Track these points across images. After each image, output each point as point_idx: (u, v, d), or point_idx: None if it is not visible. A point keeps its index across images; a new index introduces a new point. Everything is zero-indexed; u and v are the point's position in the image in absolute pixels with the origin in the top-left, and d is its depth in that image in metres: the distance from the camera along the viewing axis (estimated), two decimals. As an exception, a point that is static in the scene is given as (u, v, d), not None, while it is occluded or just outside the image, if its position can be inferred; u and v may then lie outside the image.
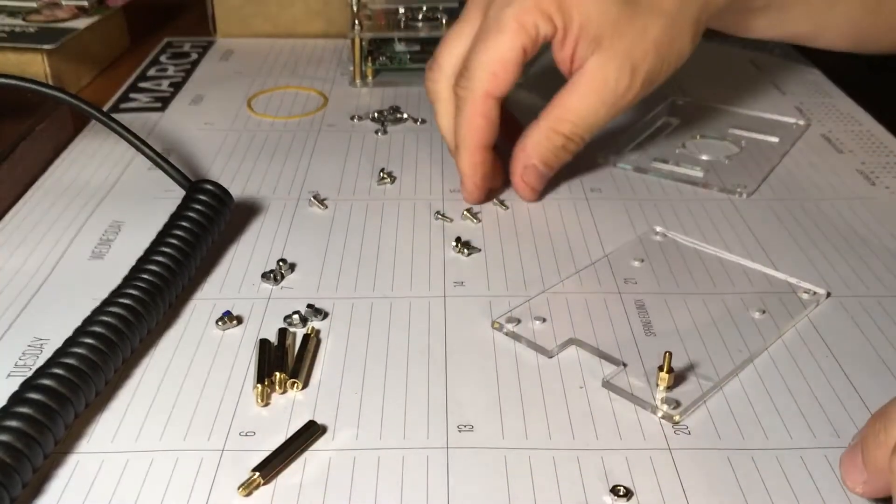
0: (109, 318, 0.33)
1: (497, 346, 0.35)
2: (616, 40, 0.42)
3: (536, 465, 0.29)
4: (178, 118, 0.55)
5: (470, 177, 0.44)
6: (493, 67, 0.42)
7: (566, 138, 0.43)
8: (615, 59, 0.42)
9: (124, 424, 0.31)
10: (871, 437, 0.27)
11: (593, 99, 0.43)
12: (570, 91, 0.43)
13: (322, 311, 0.37)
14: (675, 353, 0.34)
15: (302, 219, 0.44)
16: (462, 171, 0.44)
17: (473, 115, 0.43)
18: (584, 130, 0.44)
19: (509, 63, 0.42)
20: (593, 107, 0.43)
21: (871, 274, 0.40)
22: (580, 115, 0.43)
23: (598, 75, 0.42)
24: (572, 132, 0.43)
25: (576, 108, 0.43)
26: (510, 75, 0.42)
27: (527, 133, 0.44)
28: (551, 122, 0.43)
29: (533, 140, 0.44)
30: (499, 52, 0.41)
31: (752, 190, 0.47)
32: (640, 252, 0.41)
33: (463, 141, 0.44)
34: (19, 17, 0.60)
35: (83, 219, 0.44)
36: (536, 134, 0.44)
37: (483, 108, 0.43)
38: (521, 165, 0.44)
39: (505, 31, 0.41)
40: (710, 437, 0.31)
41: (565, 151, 0.44)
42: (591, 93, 0.43)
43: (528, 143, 0.44)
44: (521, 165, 0.44)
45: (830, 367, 0.34)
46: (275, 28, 0.69)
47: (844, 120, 0.55)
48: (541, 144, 0.44)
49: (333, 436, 0.31)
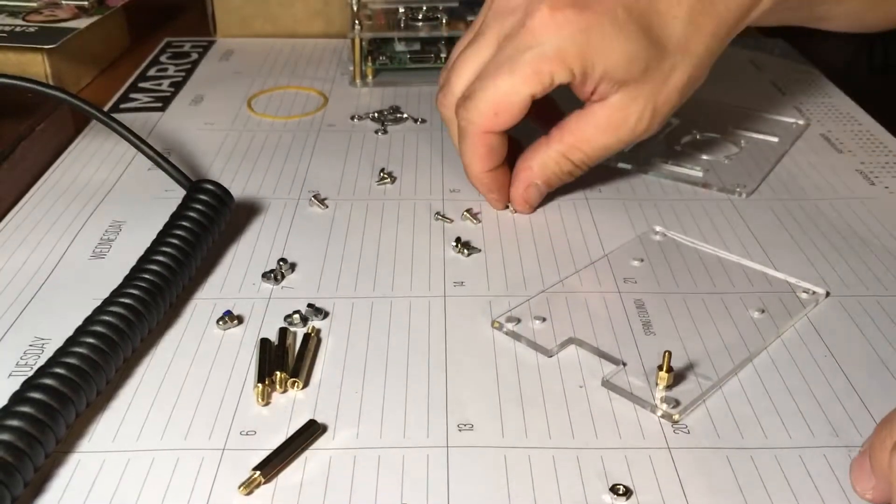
0: (110, 317, 0.33)
1: (497, 346, 0.35)
2: (642, 85, 0.41)
3: (536, 464, 0.29)
4: (178, 118, 0.55)
5: (486, 193, 0.45)
6: (497, 108, 0.40)
7: (574, 165, 0.43)
8: (639, 100, 0.41)
9: (125, 424, 0.31)
10: (878, 444, 0.27)
11: (610, 135, 0.42)
12: (588, 121, 0.42)
13: (322, 311, 0.37)
14: (675, 353, 0.34)
15: (302, 219, 0.44)
16: (478, 188, 0.45)
17: (475, 146, 0.42)
18: (592, 161, 0.43)
19: (514, 106, 0.40)
20: (609, 142, 0.42)
21: (871, 274, 0.40)
22: (594, 148, 0.42)
23: (620, 114, 0.41)
24: (581, 161, 0.43)
25: (591, 140, 0.42)
26: (513, 118, 0.41)
27: (534, 151, 0.43)
28: (564, 148, 0.42)
29: (540, 161, 0.43)
30: (505, 94, 0.40)
31: (751, 190, 0.47)
32: (639, 252, 0.41)
33: (468, 168, 0.44)
34: (19, 17, 0.60)
35: (84, 218, 0.44)
36: (545, 156, 0.43)
37: (484, 141, 0.42)
38: (524, 184, 0.44)
39: (517, 75, 0.40)
40: (710, 436, 0.31)
41: (570, 176, 0.44)
42: (610, 129, 0.42)
43: (536, 163, 0.43)
44: (525, 184, 0.44)
45: (829, 366, 0.34)
46: (275, 28, 0.69)
47: (844, 120, 0.55)
48: (548, 167, 0.43)
49: (334, 435, 0.31)
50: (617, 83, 0.40)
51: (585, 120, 0.42)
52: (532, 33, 0.40)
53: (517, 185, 0.44)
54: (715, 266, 0.40)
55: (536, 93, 0.40)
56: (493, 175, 0.44)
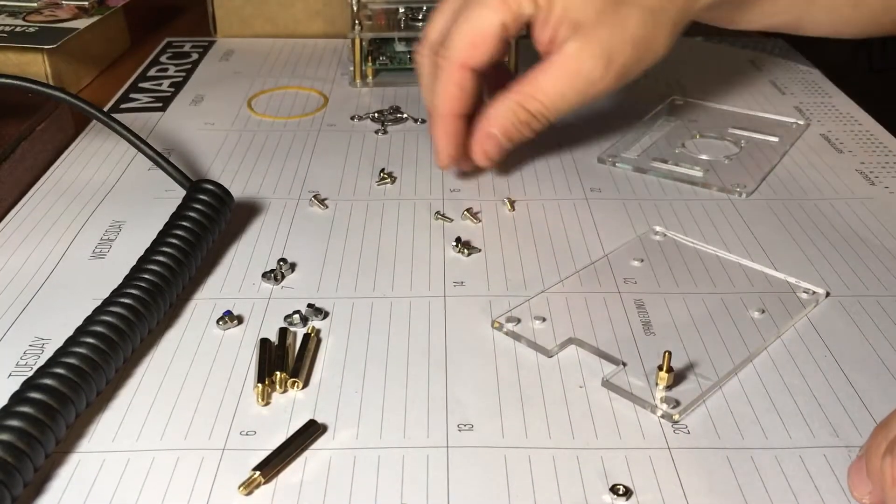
0: (110, 317, 0.33)
1: (497, 346, 0.35)
2: (596, 29, 0.42)
3: (536, 464, 0.29)
4: (178, 118, 0.55)
5: (443, 145, 0.45)
6: (472, 38, 0.42)
7: (531, 116, 0.44)
8: (593, 47, 0.42)
9: (125, 424, 0.31)
10: (874, 449, 0.27)
11: (565, 83, 0.43)
12: (544, 71, 0.43)
13: (322, 311, 0.37)
14: (675, 353, 0.34)
15: (302, 219, 0.44)
16: (435, 138, 0.45)
17: (449, 83, 0.43)
18: (550, 112, 0.44)
19: (489, 36, 0.42)
20: (563, 91, 0.43)
21: (871, 274, 0.40)
22: (549, 97, 0.43)
23: (573, 61, 0.43)
24: (538, 111, 0.44)
25: (546, 88, 0.43)
26: (489, 48, 0.42)
27: (495, 102, 0.45)
28: (520, 97, 0.44)
29: (499, 111, 0.44)
30: (479, 25, 0.42)
31: (751, 190, 0.47)
32: (639, 252, 0.41)
33: (437, 109, 0.44)
34: (20, 17, 0.60)
35: (84, 218, 0.44)
36: (503, 106, 0.44)
37: (459, 77, 0.43)
38: (483, 133, 0.45)
39: (488, 5, 0.42)
40: (710, 436, 0.31)
41: (528, 128, 0.45)
42: (564, 77, 0.43)
43: (494, 113, 0.44)
44: (484, 133, 0.45)
45: (829, 366, 0.34)
46: (275, 28, 0.69)
47: (844, 120, 0.55)
48: (505, 117, 0.44)
49: (334, 435, 0.31)
50: (573, 26, 0.42)
51: (542, 69, 0.43)
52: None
53: (477, 135, 0.45)
54: (715, 266, 0.40)
55: (507, 21, 0.42)
56: (458, 123, 0.44)
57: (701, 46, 0.68)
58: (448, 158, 0.45)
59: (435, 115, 0.45)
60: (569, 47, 0.42)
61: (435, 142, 0.45)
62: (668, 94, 0.59)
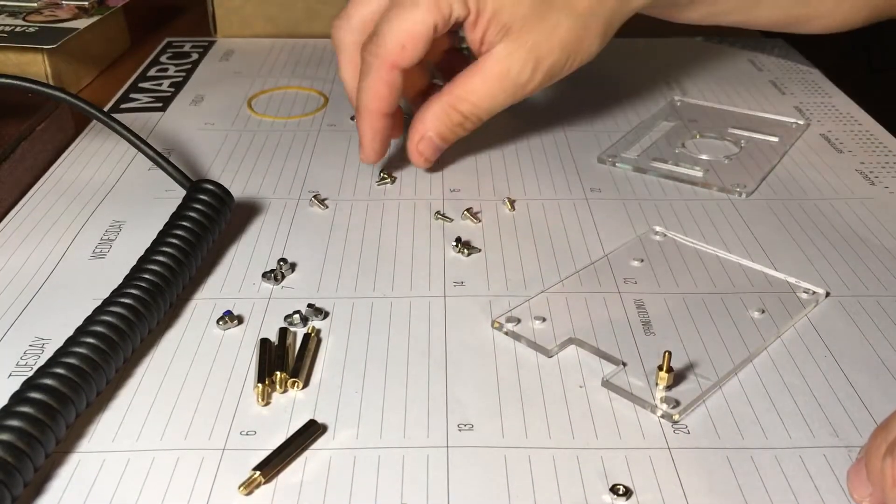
0: (110, 317, 0.33)
1: (497, 346, 0.35)
2: (525, 32, 0.43)
3: (536, 464, 0.29)
4: (178, 118, 0.55)
5: (370, 141, 0.46)
6: (403, 40, 0.42)
7: (463, 117, 0.45)
8: (521, 50, 0.43)
9: (125, 424, 0.31)
10: (874, 451, 0.27)
11: (494, 85, 0.44)
12: (475, 73, 0.44)
13: (322, 311, 0.37)
14: (675, 353, 0.34)
15: (302, 219, 0.44)
16: (362, 134, 0.46)
17: (377, 82, 0.44)
18: (481, 112, 0.45)
19: (419, 38, 0.42)
20: (493, 92, 0.44)
21: (871, 274, 0.40)
22: (480, 98, 0.45)
23: (502, 63, 0.44)
24: (470, 112, 0.45)
25: (477, 90, 0.44)
26: (418, 49, 0.43)
27: (428, 105, 0.46)
28: (452, 99, 0.45)
29: (432, 113, 0.45)
30: (410, 26, 0.42)
31: (751, 190, 0.47)
32: (639, 252, 0.41)
33: (366, 106, 0.45)
34: (20, 17, 0.60)
35: (84, 218, 0.44)
36: (436, 107, 0.45)
37: (388, 77, 0.43)
38: (418, 135, 0.46)
39: (419, 7, 0.42)
40: (710, 436, 0.31)
41: (461, 128, 0.46)
42: (494, 79, 0.44)
43: (428, 115, 0.45)
44: (419, 135, 0.46)
45: (829, 366, 0.34)
46: (275, 28, 0.69)
47: (844, 120, 0.55)
48: (439, 118, 0.45)
49: (334, 435, 0.31)
50: (503, 29, 0.43)
51: (472, 71, 0.45)
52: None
53: (412, 138, 0.46)
54: (715, 266, 0.40)
55: (438, 23, 0.42)
56: (385, 121, 0.45)
57: (701, 46, 0.68)
58: (374, 154, 0.46)
59: (363, 112, 0.45)
60: (498, 50, 0.44)
61: (361, 138, 0.46)
62: (668, 94, 0.59)
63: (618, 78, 0.62)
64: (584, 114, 0.56)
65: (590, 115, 0.56)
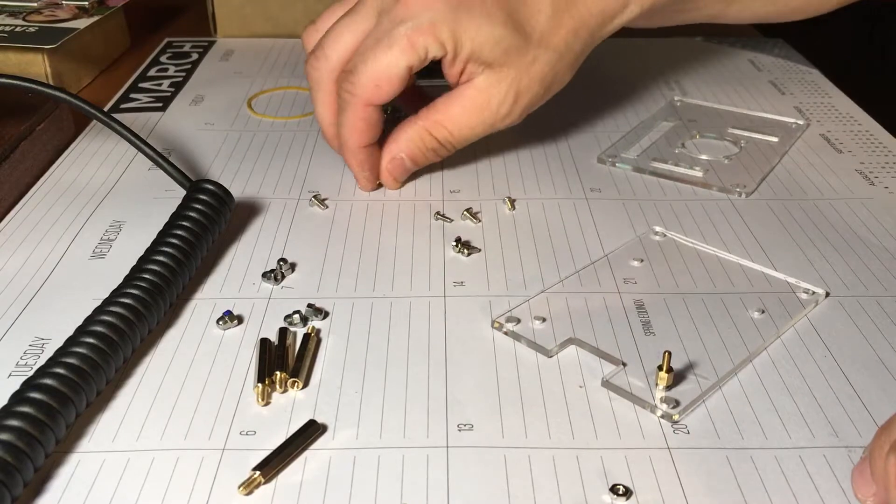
0: (110, 317, 0.33)
1: (497, 346, 0.35)
2: (506, 67, 0.44)
3: (536, 464, 0.29)
4: (178, 118, 0.55)
5: (360, 172, 0.46)
6: (378, 80, 0.42)
7: (438, 143, 0.45)
8: (503, 83, 0.44)
9: (125, 424, 0.31)
10: (878, 450, 0.27)
11: (473, 115, 0.44)
12: (454, 101, 0.45)
13: (322, 311, 0.37)
14: (675, 353, 0.34)
15: (302, 219, 0.44)
16: (350, 167, 0.46)
17: (355, 119, 0.44)
18: (456, 140, 0.45)
19: (394, 78, 0.42)
20: (472, 122, 0.45)
21: (870, 274, 0.40)
22: (457, 126, 0.45)
23: (483, 95, 0.44)
24: (445, 139, 0.45)
25: (455, 118, 0.45)
26: (393, 88, 0.43)
27: (403, 127, 0.46)
28: (429, 124, 0.45)
29: (407, 135, 0.45)
30: (385, 67, 0.42)
31: (751, 190, 0.47)
32: (639, 252, 0.41)
33: (346, 142, 0.45)
34: (20, 17, 0.60)
35: (84, 218, 0.44)
36: (412, 131, 0.45)
37: (363, 113, 0.44)
38: (389, 156, 0.46)
39: (394, 48, 0.42)
40: (709, 436, 0.31)
41: (435, 154, 0.46)
42: (473, 109, 0.44)
43: (402, 137, 0.45)
44: (390, 156, 0.46)
45: (829, 366, 0.34)
46: (275, 28, 0.69)
47: (844, 120, 0.55)
48: (413, 142, 0.45)
49: (334, 435, 0.31)
50: (483, 64, 0.43)
51: (452, 99, 0.45)
52: (407, 7, 0.42)
53: (384, 157, 0.46)
54: (715, 266, 0.40)
55: (413, 64, 0.42)
56: (368, 151, 0.45)
57: (701, 46, 0.68)
58: (367, 182, 0.46)
59: (345, 148, 0.45)
60: (480, 81, 0.44)
61: (351, 169, 0.46)
62: (668, 94, 0.59)
63: (618, 78, 0.62)
64: (584, 114, 0.56)
65: (590, 115, 0.56)
